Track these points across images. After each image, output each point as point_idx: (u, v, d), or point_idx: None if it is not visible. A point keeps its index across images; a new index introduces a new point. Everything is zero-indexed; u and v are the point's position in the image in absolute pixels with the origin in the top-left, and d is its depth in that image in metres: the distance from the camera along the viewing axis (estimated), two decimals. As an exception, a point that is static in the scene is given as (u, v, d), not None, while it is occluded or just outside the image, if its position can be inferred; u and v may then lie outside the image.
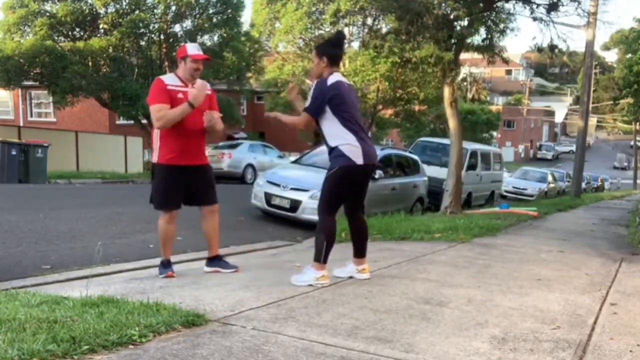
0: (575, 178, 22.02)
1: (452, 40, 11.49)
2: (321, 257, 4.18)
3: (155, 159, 4.52)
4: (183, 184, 4.50)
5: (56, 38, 19.29)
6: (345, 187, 4.27)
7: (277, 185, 9.51)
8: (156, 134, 4.49)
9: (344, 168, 4.17)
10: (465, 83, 54.19)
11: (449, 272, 4.97)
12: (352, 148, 4.17)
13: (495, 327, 3.31)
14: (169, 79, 4.52)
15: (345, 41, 24.29)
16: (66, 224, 7.34)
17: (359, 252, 4.52)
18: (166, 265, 4.60)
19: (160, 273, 4.55)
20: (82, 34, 19.83)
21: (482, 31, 11.86)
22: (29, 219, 7.38)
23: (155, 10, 20.37)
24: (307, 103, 4.27)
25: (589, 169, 32.90)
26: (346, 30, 24.48)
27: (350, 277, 4.48)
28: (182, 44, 21.59)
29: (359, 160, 4.18)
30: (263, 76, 26.28)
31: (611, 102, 27.04)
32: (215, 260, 4.81)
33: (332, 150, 4.24)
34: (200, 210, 4.73)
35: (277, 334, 2.95)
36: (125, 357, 2.49)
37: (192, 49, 4.61)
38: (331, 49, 4.35)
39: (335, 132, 4.22)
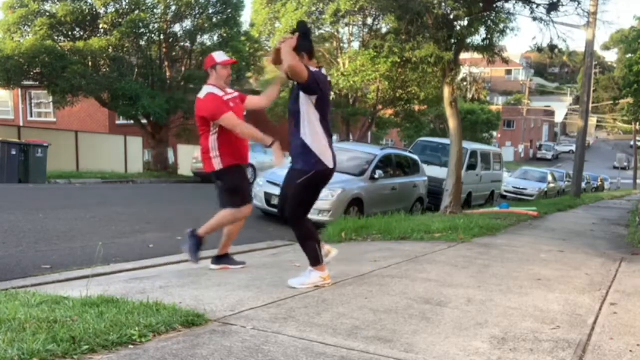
0: (575, 178, 22.01)
1: (452, 40, 11.48)
2: (319, 259, 4.17)
3: (218, 165, 4.62)
4: None
5: (56, 38, 19.27)
6: (318, 191, 4.24)
7: (277, 185, 9.50)
8: (214, 141, 4.60)
9: (320, 172, 4.10)
10: (465, 83, 54.18)
11: (449, 272, 4.97)
12: (325, 150, 4.11)
13: (495, 327, 3.31)
14: (217, 91, 4.64)
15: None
16: (66, 224, 7.35)
17: None
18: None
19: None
20: (82, 34, 19.82)
21: (482, 31, 11.87)
22: (29, 219, 7.38)
23: (155, 10, 20.35)
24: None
25: (589, 168, 32.89)
26: (346, 30, 24.51)
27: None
28: (183, 44, 21.75)
29: (330, 164, 4.14)
30: (263, 76, 26.28)
31: (611, 102, 27.00)
32: (223, 258, 4.89)
33: (304, 146, 4.08)
34: None
35: (277, 334, 2.95)
36: (125, 357, 2.49)
37: (219, 56, 4.74)
38: (306, 43, 4.19)
39: (312, 127, 4.08)
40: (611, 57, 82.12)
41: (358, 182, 9.80)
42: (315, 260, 4.16)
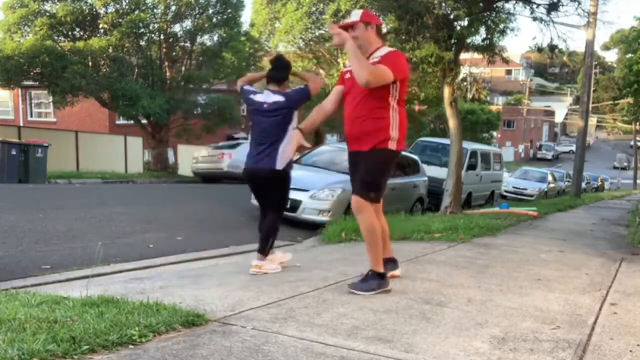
0: (575, 178, 22.02)
1: (452, 40, 11.48)
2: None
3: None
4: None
5: (56, 38, 19.29)
6: None
7: (277, 185, 9.49)
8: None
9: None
10: (465, 83, 54.16)
11: (449, 272, 4.97)
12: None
13: (495, 327, 3.31)
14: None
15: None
16: (66, 224, 7.34)
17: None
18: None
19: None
20: (82, 34, 19.83)
21: (482, 31, 11.87)
22: (29, 219, 7.38)
23: (155, 10, 20.38)
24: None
25: (589, 168, 32.90)
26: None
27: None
28: (183, 44, 21.76)
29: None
30: (263, 76, 26.24)
31: (611, 102, 27.04)
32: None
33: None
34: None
35: (277, 334, 2.95)
36: (125, 357, 2.49)
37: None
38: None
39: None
40: (611, 57, 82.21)
41: (358, 182, 9.80)
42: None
